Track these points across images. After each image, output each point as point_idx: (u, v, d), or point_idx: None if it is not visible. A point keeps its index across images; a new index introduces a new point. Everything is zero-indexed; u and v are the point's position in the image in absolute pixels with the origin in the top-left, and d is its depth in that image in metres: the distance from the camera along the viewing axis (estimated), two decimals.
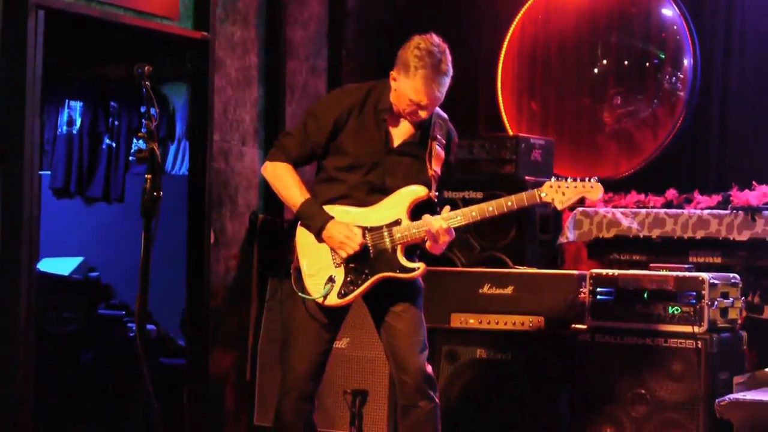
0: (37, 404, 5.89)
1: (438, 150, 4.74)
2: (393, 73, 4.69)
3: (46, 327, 7.62)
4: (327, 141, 4.76)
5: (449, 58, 4.67)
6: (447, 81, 4.66)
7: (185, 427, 6.80)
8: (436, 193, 4.73)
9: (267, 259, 7.07)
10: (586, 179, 4.72)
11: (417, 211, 4.71)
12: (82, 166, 9.71)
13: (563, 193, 4.69)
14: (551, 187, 4.70)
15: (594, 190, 4.71)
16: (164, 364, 8.01)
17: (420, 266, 4.71)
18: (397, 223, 4.69)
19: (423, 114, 4.66)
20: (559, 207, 4.72)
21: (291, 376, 4.78)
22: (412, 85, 4.60)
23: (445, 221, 4.64)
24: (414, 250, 4.76)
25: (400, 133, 4.77)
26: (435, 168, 4.72)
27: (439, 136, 4.77)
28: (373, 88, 4.80)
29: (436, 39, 4.67)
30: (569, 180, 4.72)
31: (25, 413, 5.73)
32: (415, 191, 4.71)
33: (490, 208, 4.67)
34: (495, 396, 6.12)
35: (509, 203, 4.68)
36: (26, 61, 5.65)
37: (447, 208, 4.71)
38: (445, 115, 4.87)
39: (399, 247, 4.68)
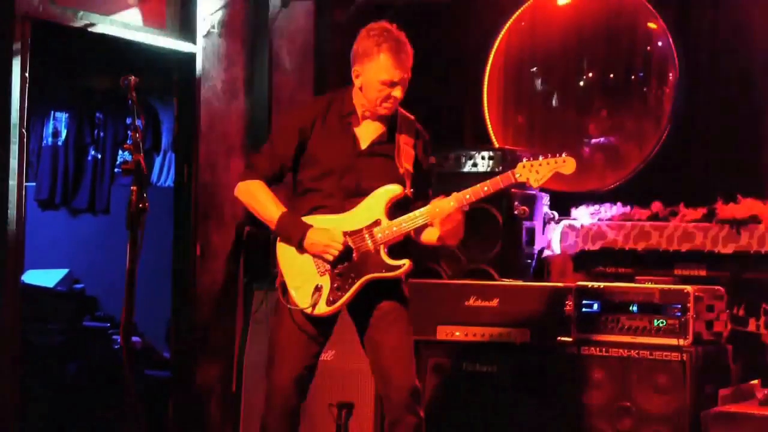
0: (21, 415, 5.87)
1: (406, 148, 4.74)
2: (355, 69, 4.71)
3: (30, 338, 7.60)
4: (295, 153, 4.77)
5: (403, 32, 4.69)
6: (410, 54, 4.66)
7: None
8: (412, 190, 4.73)
9: (253, 270, 7.06)
10: (557, 155, 4.72)
11: (394, 209, 4.71)
12: (67, 178, 9.70)
13: (537, 171, 4.69)
14: (524, 166, 4.70)
15: (567, 165, 4.70)
16: (149, 376, 7.99)
17: (405, 263, 4.69)
18: (377, 223, 4.68)
19: (397, 93, 4.65)
20: (535, 185, 4.71)
21: (276, 390, 4.76)
22: (381, 64, 4.61)
23: (453, 201, 4.63)
24: (399, 249, 4.75)
25: (367, 134, 4.77)
26: (406, 165, 4.72)
27: (405, 135, 4.77)
28: (334, 96, 4.84)
29: (383, 22, 4.72)
30: (541, 158, 4.72)
31: (10, 424, 5.71)
32: (391, 190, 4.70)
33: (467, 196, 4.67)
34: (481, 408, 6.11)
35: (485, 188, 4.67)
36: (12, 71, 5.64)
37: (435, 199, 4.70)
38: (411, 116, 4.86)
39: (382, 247, 4.67)
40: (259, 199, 4.77)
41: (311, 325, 4.73)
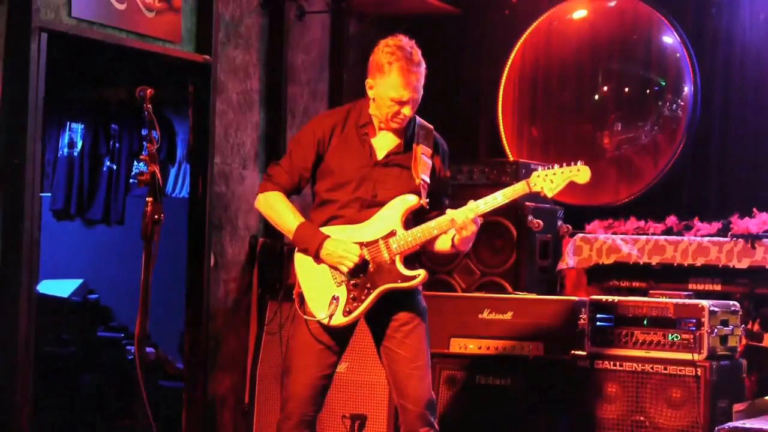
0: (35, 426, 5.88)
1: (423, 158, 4.74)
2: (368, 81, 4.71)
3: (45, 348, 7.62)
4: (313, 164, 4.78)
5: (419, 50, 4.67)
6: (422, 72, 4.65)
7: None
8: (428, 200, 4.73)
9: (267, 282, 7.07)
10: (572, 163, 4.71)
11: (410, 220, 4.72)
12: (82, 188, 9.72)
13: (551, 181, 4.68)
14: (539, 176, 4.69)
15: (581, 173, 4.70)
16: (163, 387, 8.00)
17: (421, 273, 4.69)
18: (393, 234, 4.68)
19: (406, 111, 4.65)
20: (549, 195, 4.69)
21: (292, 400, 4.75)
22: (390, 82, 4.61)
23: (470, 211, 4.62)
24: (413, 260, 4.76)
25: (384, 145, 4.77)
26: (422, 175, 4.72)
27: (423, 146, 4.77)
28: (353, 107, 4.84)
29: (401, 36, 4.70)
30: (556, 167, 4.71)
31: None
32: (407, 200, 4.71)
33: (481, 206, 4.66)
34: (494, 421, 6.10)
35: (499, 198, 4.66)
36: (29, 83, 5.66)
37: (449, 210, 4.69)
38: (430, 126, 4.86)
39: (398, 258, 4.67)
40: (278, 209, 4.79)
41: (328, 335, 4.73)
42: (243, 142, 7.20)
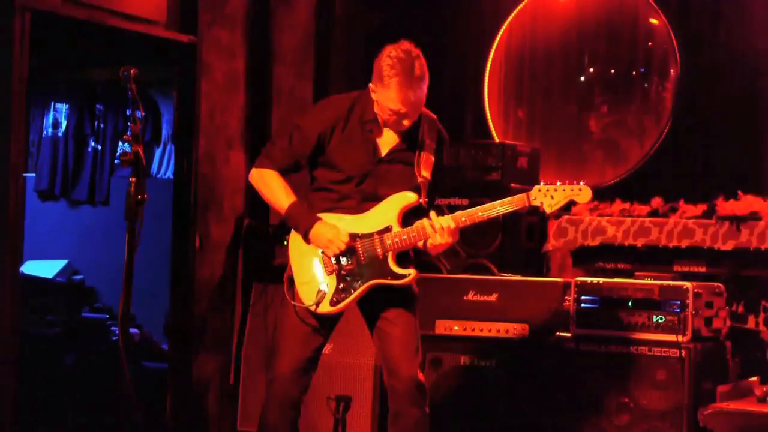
0: (18, 406, 5.86)
1: (427, 155, 4.74)
2: (371, 85, 4.68)
3: (29, 329, 7.59)
4: (311, 152, 4.78)
5: (423, 62, 4.63)
6: (423, 85, 4.62)
7: (168, 431, 6.78)
8: (426, 199, 4.73)
9: (252, 264, 7.06)
10: (574, 182, 4.73)
11: (407, 217, 4.72)
12: (67, 169, 9.70)
13: (552, 197, 4.70)
14: (540, 191, 4.71)
15: (582, 194, 4.72)
16: (147, 368, 7.99)
17: (411, 273, 4.70)
18: (388, 230, 4.69)
19: (406, 122, 4.65)
20: (548, 211, 4.72)
21: (278, 381, 4.77)
22: (389, 95, 4.58)
23: (453, 220, 4.64)
24: (406, 256, 4.76)
25: (388, 141, 4.76)
26: (424, 174, 4.72)
27: (428, 141, 4.76)
28: (358, 99, 4.80)
29: (406, 45, 4.64)
30: (558, 184, 4.73)
31: (7, 415, 5.71)
32: (405, 198, 4.71)
33: (480, 213, 4.67)
34: (479, 403, 6.11)
35: (497, 209, 4.68)
36: (12, 62, 5.64)
37: (433, 213, 4.70)
38: (434, 116, 4.85)
39: (390, 254, 4.68)
40: (272, 187, 4.78)
41: (314, 319, 4.74)
42: (228, 122, 7.18)
